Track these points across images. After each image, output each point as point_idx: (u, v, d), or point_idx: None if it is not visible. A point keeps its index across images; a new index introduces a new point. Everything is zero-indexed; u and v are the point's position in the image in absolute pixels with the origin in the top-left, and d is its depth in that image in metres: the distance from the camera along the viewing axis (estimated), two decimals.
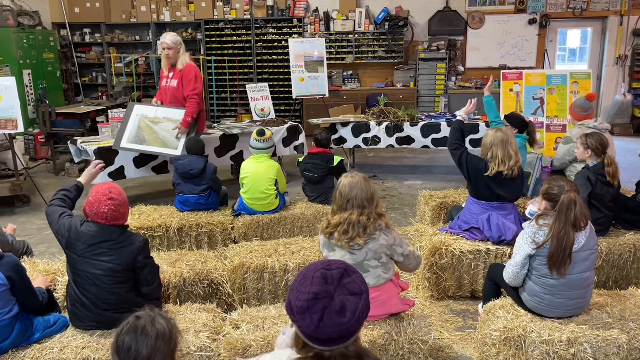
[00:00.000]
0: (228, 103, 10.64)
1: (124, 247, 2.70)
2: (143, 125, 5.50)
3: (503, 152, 3.71)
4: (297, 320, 1.38)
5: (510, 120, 4.84)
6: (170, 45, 5.42)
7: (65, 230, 2.74)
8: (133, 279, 2.76)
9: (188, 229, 4.47)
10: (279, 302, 3.55)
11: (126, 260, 2.68)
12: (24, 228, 5.55)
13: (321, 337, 1.37)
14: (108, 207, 2.67)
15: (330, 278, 1.40)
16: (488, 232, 3.77)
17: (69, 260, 2.75)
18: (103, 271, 2.66)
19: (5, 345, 2.57)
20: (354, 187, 2.71)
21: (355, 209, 2.70)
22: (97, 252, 2.68)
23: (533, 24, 10.11)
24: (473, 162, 3.84)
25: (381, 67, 10.58)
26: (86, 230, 2.70)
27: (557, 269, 2.78)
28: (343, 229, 2.69)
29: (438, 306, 3.81)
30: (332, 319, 1.35)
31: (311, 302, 1.36)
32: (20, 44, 8.79)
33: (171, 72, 5.54)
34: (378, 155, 8.72)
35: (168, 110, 5.55)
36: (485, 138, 3.88)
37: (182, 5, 10.45)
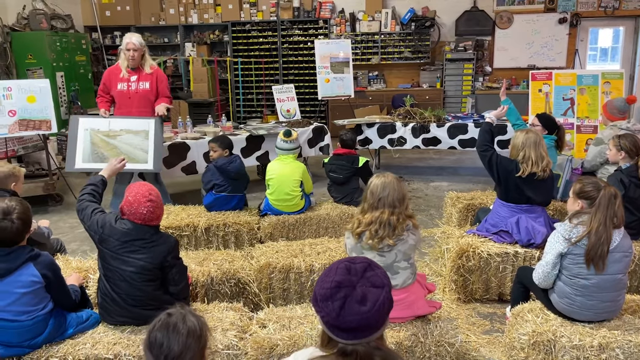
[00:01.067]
0: (254, 104, 10.73)
1: (155, 246, 2.75)
2: (97, 141, 4.99)
3: (536, 153, 3.66)
4: (320, 309, 1.43)
5: (542, 120, 4.75)
6: (137, 46, 5.13)
7: (99, 227, 2.81)
8: (161, 277, 2.81)
9: (215, 229, 4.53)
10: (304, 302, 3.56)
11: (157, 259, 2.74)
12: (57, 226, 5.69)
13: (342, 326, 1.41)
14: (147, 208, 2.74)
15: (353, 270, 1.46)
16: (517, 235, 3.71)
17: (101, 255, 2.82)
18: (134, 268, 2.72)
19: (39, 340, 2.65)
20: (386, 186, 2.71)
21: (386, 208, 2.70)
22: (129, 249, 2.74)
23: (563, 23, 9.92)
24: (503, 163, 3.79)
25: (407, 67, 10.53)
26: (120, 227, 2.77)
27: (594, 264, 2.73)
28: (374, 229, 2.69)
29: (465, 309, 3.77)
30: (353, 308, 1.39)
31: (334, 290, 1.42)
32: (53, 47, 9.02)
33: (133, 75, 5.19)
34: (403, 156, 8.68)
35: (124, 120, 5.10)
36: (514, 139, 3.83)
37: (209, 7, 10.58)
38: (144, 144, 5.02)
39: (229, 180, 4.71)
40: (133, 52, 5.12)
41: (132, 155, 4.97)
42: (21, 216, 2.56)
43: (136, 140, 5.01)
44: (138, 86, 5.21)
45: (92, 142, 4.96)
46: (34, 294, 2.59)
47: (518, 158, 3.73)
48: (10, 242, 2.55)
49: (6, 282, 2.53)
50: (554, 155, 4.53)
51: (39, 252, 2.63)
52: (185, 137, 6.22)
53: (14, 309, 2.56)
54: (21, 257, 2.56)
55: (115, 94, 5.24)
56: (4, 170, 3.74)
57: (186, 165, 6.10)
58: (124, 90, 5.19)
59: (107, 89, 5.26)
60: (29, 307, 2.58)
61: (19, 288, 2.54)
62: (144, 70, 5.24)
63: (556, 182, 4.68)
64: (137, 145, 4.98)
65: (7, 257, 2.54)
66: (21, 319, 2.57)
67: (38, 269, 2.58)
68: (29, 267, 2.56)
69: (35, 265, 2.58)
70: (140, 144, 5.00)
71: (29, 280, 2.56)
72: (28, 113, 5.61)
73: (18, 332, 2.58)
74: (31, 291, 2.57)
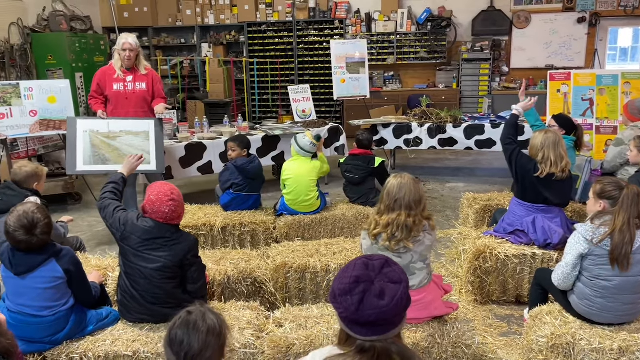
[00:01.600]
0: (269, 104, 10.77)
1: (176, 244, 2.79)
2: (97, 142, 4.90)
3: (555, 153, 3.62)
4: (339, 304, 1.45)
5: (559, 120, 4.70)
6: (133, 46, 5.13)
7: (121, 224, 2.85)
8: (180, 275, 2.84)
9: (231, 228, 4.56)
10: (320, 302, 3.57)
11: (177, 257, 2.77)
12: (76, 224, 5.77)
13: (360, 320, 1.42)
14: (169, 207, 2.78)
15: (371, 266, 1.49)
16: (533, 235, 3.68)
17: (122, 252, 2.86)
18: (154, 265, 2.76)
19: (60, 336, 2.70)
20: (402, 188, 2.71)
21: (403, 209, 2.69)
22: (150, 246, 2.77)
23: (582, 22, 9.80)
24: (522, 161, 3.75)
25: (423, 67, 10.48)
26: (142, 225, 2.81)
27: (619, 263, 2.69)
28: (392, 231, 2.69)
29: (481, 310, 3.75)
30: (372, 302, 1.41)
31: (353, 285, 1.44)
32: (73, 48, 9.15)
33: (129, 75, 5.19)
34: (419, 156, 8.64)
35: (124, 122, 5.04)
36: (533, 140, 3.78)
37: (226, 8, 10.65)
38: (145, 145, 4.97)
39: (247, 180, 4.73)
40: (129, 52, 5.11)
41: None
42: (44, 230, 2.57)
43: (137, 142, 4.96)
44: (135, 86, 5.21)
45: (93, 143, 4.88)
46: (56, 289, 2.64)
47: (537, 158, 3.69)
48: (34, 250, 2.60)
49: (30, 277, 2.58)
50: (572, 156, 4.47)
51: (61, 248, 2.68)
52: (202, 137, 6.26)
53: (36, 304, 2.61)
54: (45, 254, 2.61)
55: (110, 95, 5.21)
56: (28, 170, 3.81)
57: (202, 165, 6.15)
58: (120, 90, 5.17)
59: (101, 90, 5.24)
60: (51, 303, 2.63)
61: (42, 284, 2.59)
62: (139, 71, 5.25)
63: (575, 183, 4.62)
64: (139, 146, 4.92)
65: (31, 254, 2.59)
66: (43, 314, 2.62)
67: (60, 265, 2.62)
68: (51, 263, 2.61)
69: (58, 261, 2.63)
70: (141, 145, 4.95)
71: (52, 276, 2.61)
72: (49, 113, 5.70)
73: (40, 328, 2.63)
74: (53, 286, 2.62)
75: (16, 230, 2.52)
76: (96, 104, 5.25)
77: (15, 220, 2.53)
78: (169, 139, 6.20)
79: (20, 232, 2.51)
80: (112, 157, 4.89)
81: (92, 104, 5.27)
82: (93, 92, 5.27)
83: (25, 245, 2.54)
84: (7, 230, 2.55)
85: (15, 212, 2.57)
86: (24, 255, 2.58)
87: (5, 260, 2.61)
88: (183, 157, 5.99)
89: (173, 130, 6.35)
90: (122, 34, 5.28)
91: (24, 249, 2.56)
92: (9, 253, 2.60)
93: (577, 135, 4.63)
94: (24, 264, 2.58)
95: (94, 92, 5.26)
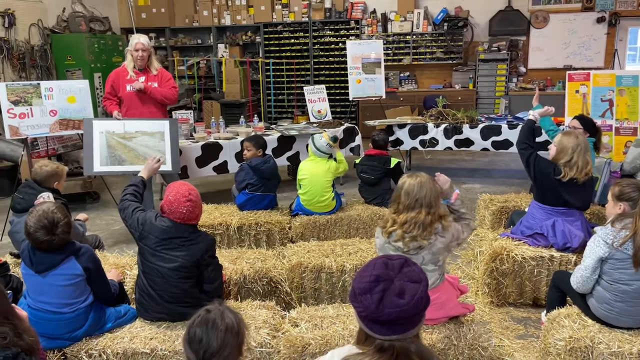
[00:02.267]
0: (285, 104, 10.80)
1: (194, 244, 2.81)
2: (114, 143, 4.93)
3: (584, 160, 3.57)
4: (359, 303, 1.46)
5: (583, 122, 4.62)
6: (146, 46, 5.19)
7: (139, 224, 2.88)
8: (197, 275, 2.87)
9: (247, 228, 4.58)
10: (335, 302, 3.57)
11: (194, 257, 2.80)
12: (94, 223, 5.85)
13: (380, 318, 1.43)
14: (186, 207, 2.80)
15: (391, 265, 1.50)
16: (552, 239, 3.64)
17: (140, 252, 2.90)
18: (172, 265, 2.79)
19: (79, 333, 2.73)
20: (423, 187, 2.70)
21: (423, 207, 2.69)
22: (168, 246, 2.80)
23: (601, 22, 9.67)
24: (540, 165, 3.71)
25: (439, 68, 10.43)
26: (160, 225, 2.84)
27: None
28: (408, 228, 2.69)
29: (498, 312, 3.72)
30: (392, 300, 1.42)
31: (373, 284, 1.46)
32: (92, 49, 9.28)
33: (141, 76, 5.26)
34: (435, 157, 8.60)
35: (139, 122, 5.06)
36: (564, 141, 3.64)
37: (242, 9, 10.70)
38: (160, 145, 5.01)
39: (262, 179, 4.75)
40: (142, 52, 5.17)
41: (150, 156, 4.90)
42: (64, 229, 2.59)
43: (152, 142, 5.00)
44: (140, 84, 5.23)
45: (109, 144, 4.92)
46: (76, 287, 2.68)
47: (563, 161, 3.60)
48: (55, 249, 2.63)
49: (50, 275, 2.62)
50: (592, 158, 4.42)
51: (80, 246, 2.72)
52: (218, 137, 6.31)
53: (56, 302, 2.65)
54: (65, 252, 2.64)
55: (124, 96, 5.25)
56: (48, 170, 3.87)
57: (218, 164, 6.19)
58: (132, 91, 5.21)
59: (115, 91, 5.31)
60: (71, 300, 2.67)
61: (62, 281, 2.63)
62: (151, 72, 5.32)
63: (594, 185, 4.57)
64: (154, 146, 4.97)
65: (51, 252, 2.63)
66: (63, 311, 2.66)
67: (80, 262, 2.66)
68: (71, 260, 2.65)
69: (78, 259, 2.66)
70: (157, 145, 4.99)
71: (72, 273, 2.64)
72: (68, 113, 5.78)
73: (60, 325, 2.67)
74: (73, 284, 2.66)
75: (37, 230, 2.54)
76: (111, 105, 5.32)
77: (35, 221, 2.55)
78: (185, 138, 6.26)
79: (41, 233, 2.54)
80: (128, 158, 4.94)
81: (107, 106, 5.34)
82: (107, 93, 5.35)
83: (46, 245, 2.57)
84: (27, 231, 2.58)
85: (34, 213, 2.59)
86: (44, 254, 2.62)
87: (26, 258, 2.65)
88: (199, 156, 6.03)
89: (189, 130, 6.40)
90: (134, 35, 5.37)
91: (45, 248, 2.59)
92: (30, 251, 2.64)
93: (597, 137, 4.57)
94: (44, 262, 2.61)
95: (108, 93, 5.34)
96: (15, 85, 5.61)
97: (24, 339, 1.85)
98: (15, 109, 5.50)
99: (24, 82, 6.47)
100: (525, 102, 9.37)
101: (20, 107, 5.53)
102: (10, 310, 1.89)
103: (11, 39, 8.42)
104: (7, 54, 8.30)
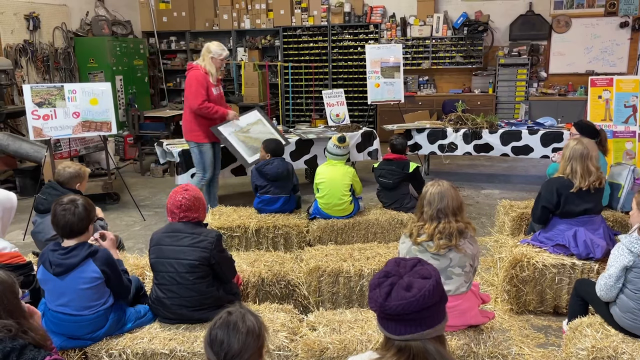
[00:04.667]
0: (303, 108, 10.83)
1: (199, 240, 2.86)
2: (243, 138, 5.65)
3: (582, 167, 3.55)
4: (370, 299, 1.50)
5: (578, 127, 4.60)
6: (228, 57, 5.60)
7: (150, 249, 2.98)
8: (211, 274, 2.89)
9: (265, 230, 4.59)
10: (353, 306, 3.56)
11: (204, 252, 2.83)
12: (114, 224, 5.92)
13: (387, 311, 1.45)
14: (182, 195, 2.91)
15: (402, 264, 1.54)
16: (575, 249, 3.58)
17: (154, 268, 2.96)
18: (183, 260, 2.83)
19: (100, 333, 2.77)
20: (443, 197, 2.68)
21: (450, 217, 2.67)
22: (174, 238, 2.88)
23: (625, 27, 9.52)
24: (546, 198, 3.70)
25: (458, 72, 10.37)
26: (164, 230, 2.95)
27: None
28: (440, 239, 2.68)
29: (518, 320, 3.67)
30: (399, 293, 1.45)
31: (382, 279, 1.50)
32: (114, 52, 9.41)
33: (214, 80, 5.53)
34: (453, 162, 8.54)
35: (242, 118, 5.76)
36: (564, 149, 3.72)
37: (261, 13, 10.76)
38: (267, 128, 5.90)
39: (268, 181, 4.78)
40: (224, 61, 5.54)
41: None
42: (85, 204, 2.73)
43: (260, 128, 5.85)
44: (219, 91, 5.61)
45: (241, 140, 5.61)
46: (95, 290, 2.71)
47: (566, 171, 3.63)
48: (70, 228, 2.67)
49: (69, 278, 2.65)
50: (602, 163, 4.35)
51: (97, 248, 2.75)
52: None
53: (77, 304, 2.68)
54: (81, 254, 2.67)
55: (212, 98, 5.41)
56: (71, 171, 3.92)
57: (236, 167, 6.23)
58: (217, 93, 5.51)
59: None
60: (91, 303, 2.71)
61: (81, 284, 2.66)
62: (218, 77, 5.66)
63: (617, 192, 4.49)
64: (265, 131, 5.82)
65: (68, 255, 2.66)
66: (84, 313, 2.69)
67: (97, 265, 2.69)
68: (89, 263, 2.68)
69: (95, 262, 2.69)
70: (265, 129, 5.86)
71: (91, 276, 2.67)
72: (91, 115, 5.87)
73: (80, 326, 2.71)
74: (93, 287, 2.69)
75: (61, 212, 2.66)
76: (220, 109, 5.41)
77: (59, 203, 2.71)
78: None
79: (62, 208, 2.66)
80: (256, 145, 5.57)
81: (211, 108, 5.30)
82: (205, 97, 5.28)
83: (67, 217, 2.64)
84: (52, 210, 2.70)
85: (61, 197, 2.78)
86: (62, 256, 2.66)
87: (46, 262, 2.68)
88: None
89: None
90: (220, 45, 5.41)
91: (68, 230, 2.66)
92: (49, 254, 2.69)
93: (600, 141, 4.51)
94: (62, 264, 2.64)
95: (205, 96, 5.28)
96: (40, 87, 5.71)
97: (30, 335, 1.90)
98: (39, 111, 5.61)
99: (47, 84, 6.58)
100: (546, 108, 9.28)
101: (44, 108, 5.63)
102: (18, 308, 1.94)
103: (35, 42, 8.59)
104: (31, 56, 8.47)
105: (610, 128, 6.04)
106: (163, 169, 8.05)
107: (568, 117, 7.86)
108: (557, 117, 7.36)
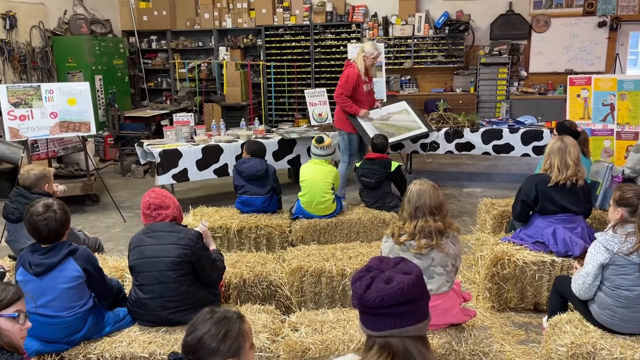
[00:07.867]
0: (286, 107, 10.79)
1: (178, 237, 2.83)
2: (378, 125, 6.11)
3: (560, 160, 3.63)
4: (352, 294, 1.50)
5: (560, 130, 4.69)
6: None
7: (130, 249, 2.94)
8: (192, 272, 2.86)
9: (247, 231, 4.57)
10: (335, 306, 3.56)
11: (184, 249, 2.80)
12: (93, 225, 5.84)
13: (366, 303, 1.45)
14: (149, 196, 2.95)
15: (385, 261, 1.55)
16: (554, 247, 3.61)
17: (133, 270, 2.91)
18: (165, 265, 2.78)
19: (78, 337, 2.72)
20: (421, 195, 2.69)
21: (427, 216, 2.68)
22: (153, 235, 2.86)
23: (603, 26, 9.66)
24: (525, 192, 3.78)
25: (440, 72, 10.43)
26: (141, 232, 2.92)
27: None
28: (421, 237, 2.69)
29: (499, 317, 3.70)
30: (378, 286, 1.45)
31: (363, 273, 1.51)
32: (93, 51, 9.28)
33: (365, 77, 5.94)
34: (436, 161, 8.59)
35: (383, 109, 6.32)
36: (547, 147, 3.83)
37: (243, 12, 10.70)
38: (410, 117, 6.48)
39: (247, 181, 4.76)
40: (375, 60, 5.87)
41: (407, 126, 6.41)
42: (61, 207, 2.71)
43: (402, 117, 6.43)
44: (369, 87, 6.09)
45: (375, 126, 6.05)
46: (77, 290, 2.67)
47: (546, 166, 3.73)
48: (55, 233, 2.64)
49: (49, 277, 2.61)
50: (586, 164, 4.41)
51: (77, 247, 2.72)
52: (219, 140, 6.30)
53: (56, 305, 2.63)
54: (62, 252, 2.64)
55: (361, 94, 5.91)
56: (36, 173, 3.78)
57: (219, 167, 6.18)
58: (367, 90, 6.01)
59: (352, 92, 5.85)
60: (71, 303, 2.66)
61: (62, 283, 2.62)
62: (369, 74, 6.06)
63: (595, 190, 4.55)
64: (407, 119, 6.43)
65: (48, 254, 2.63)
66: (62, 314, 2.64)
67: (78, 264, 2.65)
68: (69, 261, 2.65)
69: (76, 260, 2.66)
70: (407, 118, 6.45)
71: (72, 275, 2.64)
72: (69, 115, 5.77)
73: (58, 328, 2.66)
74: (74, 286, 2.65)
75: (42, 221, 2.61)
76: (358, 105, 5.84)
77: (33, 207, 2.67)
78: (186, 141, 6.25)
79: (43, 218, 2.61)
80: (395, 132, 6.22)
81: (346, 101, 5.80)
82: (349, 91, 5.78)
83: (48, 224, 2.60)
84: (26, 219, 2.65)
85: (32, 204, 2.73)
86: (42, 255, 2.62)
87: (25, 262, 2.64)
88: (200, 159, 6.03)
89: (190, 133, 6.39)
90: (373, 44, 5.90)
91: (53, 235, 2.63)
92: (28, 256, 2.65)
93: (580, 141, 4.57)
94: (42, 263, 2.60)
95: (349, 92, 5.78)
96: (16, 87, 5.61)
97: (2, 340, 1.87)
98: (16, 111, 5.50)
99: (24, 84, 6.46)
100: (526, 106, 9.38)
101: (20, 109, 5.52)
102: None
103: (12, 41, 8.42)
104: (8, 55, 8.31)
105: (589, 126, 6.12)
106: (144, 170, 7.96)
107: (548, 115, 7.96)
108: (537, 115, 7.44)
